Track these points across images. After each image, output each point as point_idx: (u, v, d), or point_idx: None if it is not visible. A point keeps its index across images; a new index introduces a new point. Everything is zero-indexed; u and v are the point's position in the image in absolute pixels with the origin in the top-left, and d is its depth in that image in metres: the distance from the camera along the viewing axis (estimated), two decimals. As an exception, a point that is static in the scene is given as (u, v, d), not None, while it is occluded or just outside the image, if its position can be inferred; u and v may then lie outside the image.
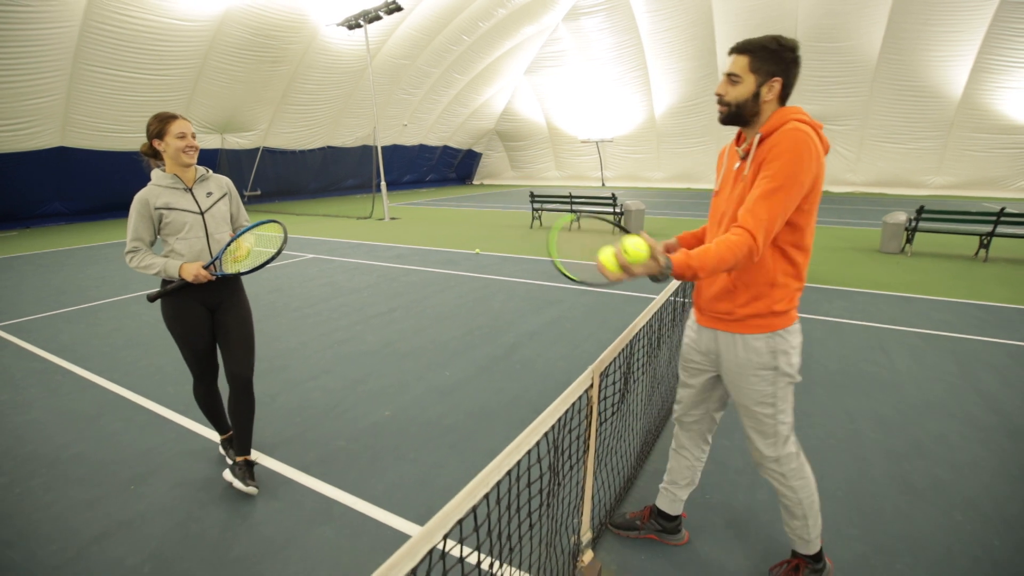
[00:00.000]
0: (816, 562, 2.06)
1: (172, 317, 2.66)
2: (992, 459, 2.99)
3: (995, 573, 2.17)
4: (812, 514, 1.97)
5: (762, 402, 1.85)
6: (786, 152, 1.59)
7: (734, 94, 1.71)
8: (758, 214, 1.59)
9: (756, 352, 1.81)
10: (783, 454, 1.91)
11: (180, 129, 2.50)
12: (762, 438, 1.92)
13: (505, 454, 1.20)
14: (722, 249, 1.56)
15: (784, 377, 1.83)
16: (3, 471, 2.97)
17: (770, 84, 1.67)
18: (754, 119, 1.72)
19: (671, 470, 2.27)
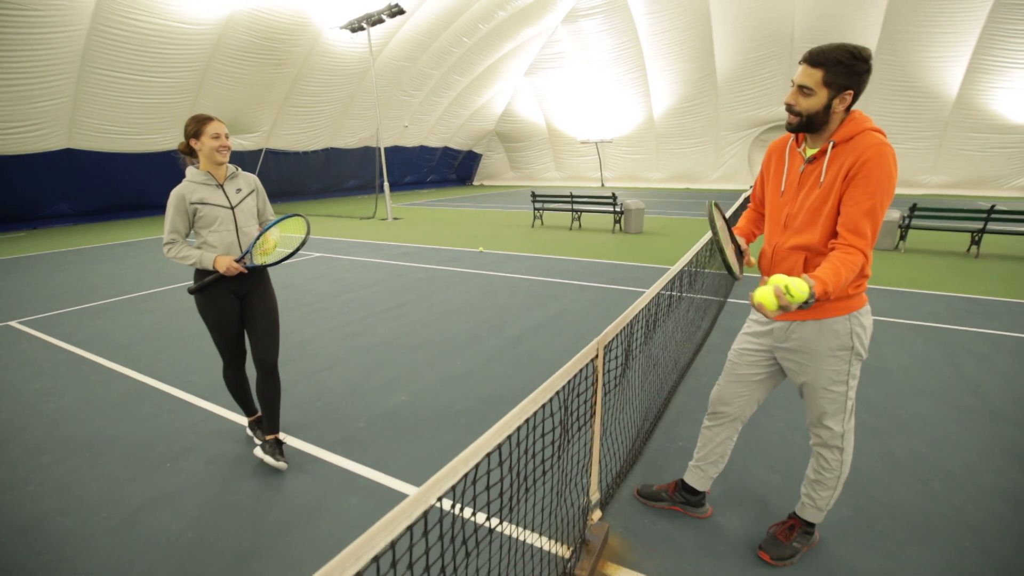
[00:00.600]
0: (810, 528, 2.27)
1: (205, 305, 2.87)
2: (970, 436, 3.20)
3: (967, 533, 2.38)
4: (840, 487, 2.15)
5: (837, 380, 1.99)
6: (878, 169, 1.69)
7: (805, 105, 1.77)
8: (864, 232, 1.72)
9: (835, 334, 1.93)
10: (848, 428, 2.07)
11: (215, 130, 2.71)
12: (832, 416, 2.04)
13: (520, 409, 1.40)
14: (846, 270, 1.68)
15: (857, 355, 1.97)
16: (46, 451, 3.17)
17: (842, 97, 1.74)
18: (824, 128, 1.82)
19: (703, 450, 2.40)
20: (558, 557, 2.16)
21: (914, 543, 2.33)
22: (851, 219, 1.74)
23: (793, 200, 1.94)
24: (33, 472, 2.95)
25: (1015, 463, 2.92)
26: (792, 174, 1.96)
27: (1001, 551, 2.27)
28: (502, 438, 1.28)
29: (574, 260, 8.74)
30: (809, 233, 1.89)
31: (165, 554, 2.31)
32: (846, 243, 1.74)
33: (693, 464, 2.46)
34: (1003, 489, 2.69)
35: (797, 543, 2.24)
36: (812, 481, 2.19)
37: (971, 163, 21.65)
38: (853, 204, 1.74)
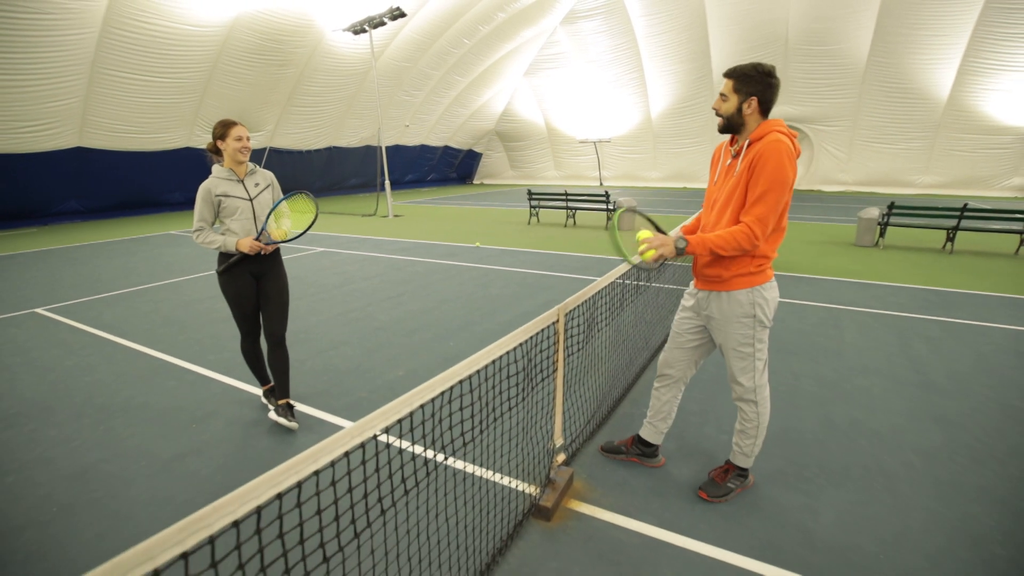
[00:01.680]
0: (743, 471, 2.66)
1: (227, 283, 3.30)
2: (901, 403, 3.62)
3: (879, 478, 2.80)
4: (761, 436, 2.55)
5: (744, 343, 2.40)
6: (770, 162, 2.10)
7: (724, 108, 2.26)
8: (754, 212, 2.14)
9: (739, 303, 2.35)
10: (759, 384, 2.45)
11: (238, 133, 3.14)
12: (743, 373, 2.44)
13: (486, 352, 1.81)
14: (729, 235, 2.16)
15: (760, 323, 2.37)
16: (86, 414, 3.60)
17: (749, 101, 2.19)
18: (742, 128, 2.26)
19: (653, 408, 2.83)
20: (527, 494, 2.58)
21: (832, 486, 2.74)
22: (748, 201, 2.18)
23: (720, 188, 2.38)
24: (77, 431, 3.37)
25: (936, 426, 3.33)
26: (722, 167, 2.41)
27: (904, 491, 2.68)
28: (472, 371, 1.70)
29: (567, 255, 9.16)
30: (725, 214, 2.31)
31: (199, 491, 2.73)
32: (743, 217, 2.18)
33: (646, 420, 2.88)
34: (919, 446, 3.10)
35: (731, 484, 2.64)
36: (738, 431, 2.60)
37: (963, 163, 22.02)
38: (750, 190, 2.17)
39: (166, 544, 0.92)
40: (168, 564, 0.92)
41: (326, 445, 1.22)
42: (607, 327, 3.03)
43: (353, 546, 1.96)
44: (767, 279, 2.36)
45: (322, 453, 1.21)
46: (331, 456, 1.23)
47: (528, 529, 2.41)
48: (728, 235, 2.17)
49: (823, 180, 24.93)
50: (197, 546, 0.97)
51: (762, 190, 2.12)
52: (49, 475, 2.91)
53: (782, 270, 7.70)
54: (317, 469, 1.20)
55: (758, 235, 2.15)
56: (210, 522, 0.99)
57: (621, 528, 2.44)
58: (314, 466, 1.19)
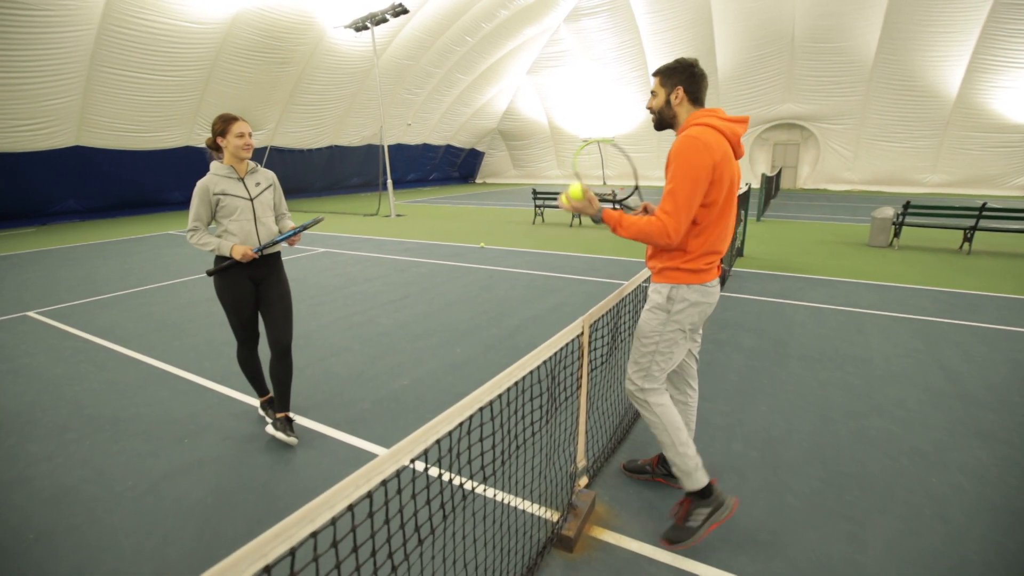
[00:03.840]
0: (702, 497, 2.25)
1: (223, 288, 3.08)
2: (941, 418, 3.39)
3: (927, 502, 2.57)
4: (678, 449, 2.23)
5: (649, 335, 2.29)
6: (677, 157, 2.04)
7: (654, 104, 2.27)
8: (665, 207, 2.06)
9: (658, 293, 2.28)
10: (647, 387, 2.31)
11: (240, 129, 2.92)
12: (635, 367, 2.34)
13: (508, 373, 1.59)
14: (644, 224, 2.09)
15: (673, 322, 2.24)
16: (72, 428, 3.38)
17: (675, 92, 2.18)
18: (674, 121, 2.24)
19: None
20: (547, 520, 2.36)
21: (877, 511, 2.51)
22: (662, 196, 2.11)
23: None
24: (60, 447, 3.16)
25: (981, 442, 3.10)
26: None
27: (957, 518, 2.46)
28: (493, 396, 1.48)
29: (573, 256, 8.93)
30: None
31: (187, 518, 2.51)
32: (656, 213, 2.11)
33: None
34: (966, 465, 2.87)
35: (692, 520, 2.23)
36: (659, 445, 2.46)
37: (971, 162, 21.74)
38: (666, 183, 2.11)
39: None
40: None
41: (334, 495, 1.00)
42: (630, 337, 2.81)
43: None
44: (697, 280, 2.21)
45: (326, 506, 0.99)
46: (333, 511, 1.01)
47: (549, 562, 2.19)
48: (644, 223, 2.10)
49: (829, 179, 24.67)
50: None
51: (671, 186, 2.05)
52: (27, 496, 2.69)
53: (796, 271, 7.48)
54: (334, 516, 0.98)
55: (670, 231, 2.04)
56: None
57: (649, 559, 2.22)
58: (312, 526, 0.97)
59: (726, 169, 2.07)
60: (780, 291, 6.48)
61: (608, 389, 2.86)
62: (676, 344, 2.28)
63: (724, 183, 2.09)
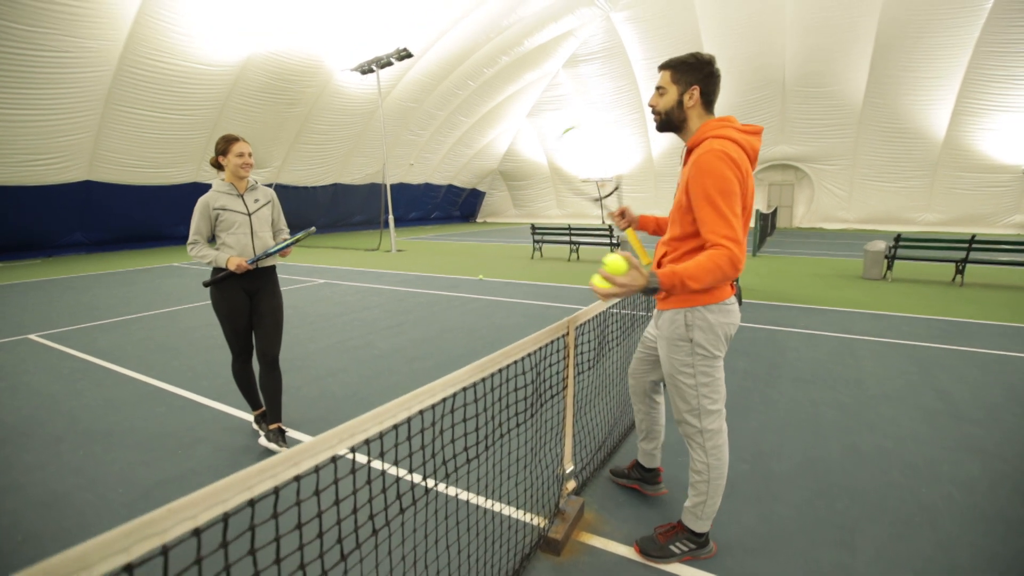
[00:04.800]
0: (695, 536, 2.20)
1: (218, 299, 3.16)
2: (933, 434, 3.40)
3: (917, 511, 2.57)
4: (712, 495, 2.13)
5: (683, 371, 2.06)
6: (703, 170, 1.81)
7: (663, 103, 2.00)
8: (713, 228, 1.78)
9: (675, 324, 2.04)
10: (707, 428, 2.09)
11: (240, 149, 3.07)
12: (687, 409, 2.10)
13: (490, 359, 1.66)
14: (708, 263, 1.75)
15: (700, 349, 2.01)
16: (67, 440, 3.40)
17: (690, 92, 1.94)
18: (683, 125, 2.00)
19: (637, 427, 2.64)
20: (534, 525, 2.36)
21: (868, 520, 2.51)
22: (704, 224, 1.83)
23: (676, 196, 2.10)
24: (54, 457, 3.17)
25: (973, 457, 3.10)
26: None
27: (947, 527, 2.45)
28: (478, 377, 1.54)
29: (571, 287, 9.04)
30: (672, 228, 2.06)
31: (177, 522, 2.51)
32: (711, 243, 1.80)
33: (638, 443, 2.68)
34: (957, 478, 2.87)
35: (674, 547, 2.21)
36: (689, 484, 2.20)
37: (963, 201, 22.15)
38: (698, 211, 1.85)
39: (106, 551, 0.75)
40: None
41: (312, 446, 1.06)
42: (618, 347, 2.87)
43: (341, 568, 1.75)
44: (714, 299, 1.99)
45: (307, 455, 1.04)
46: (316, 460, 1.06)
47: (536, 564, 2.18)
48: (708, 261, 1.75)
49: (824, 218, 25.06)
50: (144, 557, 0.80)
51: (713, 207, 1.79)
52: (19, 502, 2.69)
53: (790, 301, 7.55)
54: (299, 474, 1.03)
55: (739, 256, 1.77)
56: (163, 527, 0.82)
57: (639, 564, 2.21)
58: (295, 470, 1.02)
59: (747, 186, 1.87)
60: (774, 319, 6.54)
61: (597, 398, 2.90)
62: (714, 368, 2.05)
63: (746, 202, 1.89)
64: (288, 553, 1.11)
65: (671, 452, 3.10)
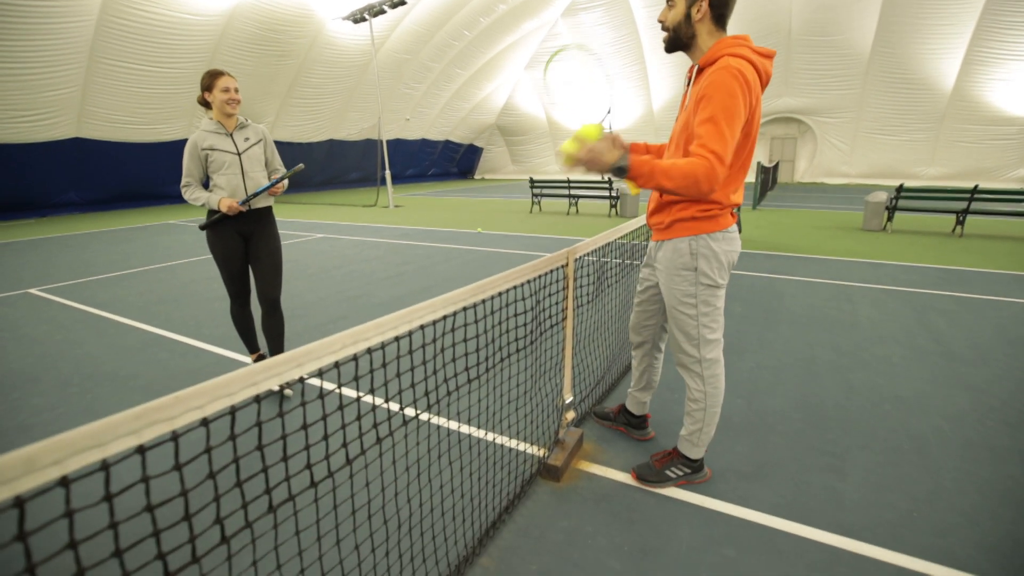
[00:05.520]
0: (690, 462, 2.27)
1: (213, 242, 3.15)
2: (924, 371, 3.46)
3: (905, 439, 2.65)
4: (708, 423, 2.18)
5: (684, 301, 2.05)
6: (716, 86, 1.73)
7: (671, 17, 1.92)
8: (709, 144, 1.71)
9: (679, 253, 2.02)
10: (706, 357, 2.10)
11: (224, 84, 2.98)
12: (686, 339, 2.10)
13: (490, 281, 1.66)
14: (687, 167, 1.70)
15: (704, 277, 2.01)
16: (73, 383, 3.45)
17: (698, 4, 1.85)
18: (692, 42, 1.92)
19: (633, 376, 2.64)
20: (533, 455, 2.43)
21: (858, 448, 2.59)
22: (699, 135, 1.76)
23: (678, 122, 2.04)
24: (62, 399, 3.23)
25: (964, 392, 3.17)
26: (682, 100, 2.08)
27: (935, 453, 2.53)
28: (477, 299, 1.55)
29: (570, 239, 9.00)
30: (676, 151, 1.99)
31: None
32: (697, 153, 1.74)
33: (629, 390, 2.68)
34: (946, 411, 2.95)
35: (670, 471, 2.28)
36: (685, 412, 2.25)
37: (968, 154, 21.81)
38: (699, 123, 1.77)
39: (117, 431, 0.77)
40: (121, 457, 0.78)
41: (315, 349, 1.07)
42: (617, 284, 2.88)
43: (344, 474, 1.81)
44: (717, 227, 1.97)
45: (311, 358, 1.06)
46: (320, 363, 1.08)
47: (536, 489, 2.26)
48: (687, 165, 1.70)
49: (827, 172, 24.74)
50: (155, 441, 0.82)
51: (709, 114, 1.72)
52: (27, 441, 2.74)
53: (788, 251, 7.55)
54: (303, 376, 1.05)
55: (719, 174, 1.70)
56: (172, 414, 0.84)
57: (635, 488, 2.29)
58: (299, 371, 1.04)
59: (756, 112, 1.82)
60: (772, 268, 6.55)
61: (596, 333, 2.93)
62: (716, 298, 2.04)
63: (753, 128, 1.84)
64: (295, 452, 1.14)
65: (659, 391, 3.16)
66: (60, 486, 0.72)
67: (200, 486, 1.26)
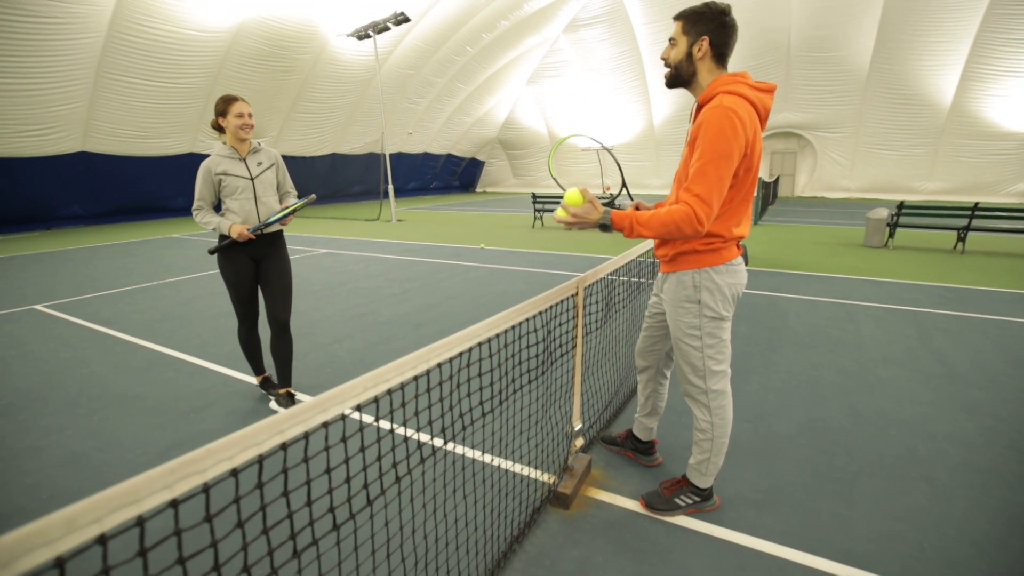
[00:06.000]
0: (699, 490, 2.27)
1: (224, 265, 3.18)
2: (929, 394, 3.47)
3: (913, 466, 2.65)
4: (716, 452, 2.19)
5: (689, 333, 2.08)
6: (710, 130, 1.76)
7: (673, 55, 1.96)
8: (693, 189, 1.77)
9: (682, 285, 2.06)
10: (712, 388, 2.12)
11: (239, 110, 3.02)
12: (692, 370, 2.12)
13: (504, 315, 1.69)
14: (669, 216, 1.78)
15: (708, 310, 2.02)
16: (81, 404, 3.46)
17: (699, 43, 1.88)
18: (692, 79, 1.95)
19: (639, 402, 2.65)
20: (542, 482, 2.43)
21: (866, 475, 2.59)
22: (689, 176, 1.82)
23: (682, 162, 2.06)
24: (70, 420, 3.24)
25: (970, 416, 3.18)
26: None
27: (943, 479, 2.53)
28: (492, 333, 1.57)
29: (572, 255, 9.04)
30: (676, 186, 2.05)
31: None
32: (681, 198, 1.82)
33: (635, 416, 2.68)
34: (953, 435, 2.95)
35: (679, 500, 2.28)
36: (693, 442, 2.25)
37: (967, 169, 21.93)
38: (692, 164, 1.83)
39: (153, 486, 0.79)
40: (154, 512, 0.79)
41: (338, 394, 1.09)
42: (624, 310, 2.90)
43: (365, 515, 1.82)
44: (721, 260, 2.00)
45: (334, 402, 1.08)
46: (342, 408, 1.10)
47: (546, 516, 2.26)
48: (665, 214, 1.78)
49: (826, 187, 24.86)
50: (187, 494, 0.84)
51: (701, 164, 1.77)
52: (39, 463, 2.76)
53: (791, 269, 7.58)
54: (327, 421, 1.07)
55: (701, 217, 1.76)
56: (204, 467, 0.86)
57: (644, 516, 2.29)
58: (323, 416, 1.06)
59: (756, 147, 1.85)
60: (775, 286, 6.57)
61: (604, 358, 2.94)
62: (721, 330, 2.06)
63: (753, 163, 1.87)
64: (319, 496, 1.15)
65: (666, 416, 3.17)
66: (98, 544, 0.73)
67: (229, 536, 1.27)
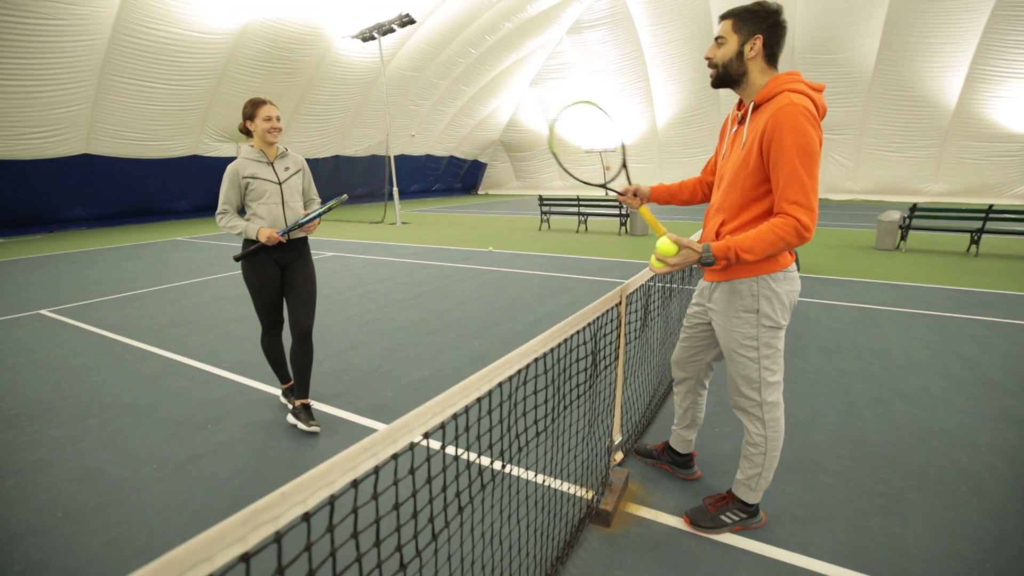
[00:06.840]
0: (746, 506, 2.19)
1: (249, 271, 3.08)
2: (966, 402, 3.38)
3: (962, 480, 2.55)
4: (768, 467, 2.10)
5: (746, 344, 1.98)
6: (789, 131, 1.69)
7: (720, 55, 1.87)
8: (791, 196, 1.71)
9: (739, 295, 1.96)
10: (767, 400, 2.03)
11: (267, 113, 2.94)
12: (746, 383, 2.03)
13: (555, 331, 1.59)
14: (769, 231, 1.72)
15: (766, 320, 1.94)
16: (92, 414, 3.37)
17: (752, 42, 1.81)
18: (742, 79, 1.87)
19: (676, 413, 2.56)
20: (581, 498, 2.34)
21: (913, 489, 2.49)
22: (778, 185, 1.76)
23: (727, 162, 2.00)
24: (83, 432, 3.14)
25: (1011, 425, 3.08)
26: (729, 137, 2.03)
27: (995, 495, 2.43)
28: (547, 348, 1.48)
29: (583, 259, 8.95)
30: (730, 194, 1.94)
31: (216, 496, 2.49)
32: (779, 209, 1.77)
33: (673, 428, 2.59)
34: (997, 446, 2.86)
35: (725, 516, 2.19)
36: (742, 456, 2.17)
37: (972, 171, 21.85)
38: (776, 171, 1.75)
39: (224, 540, 0.69)
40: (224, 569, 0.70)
41: (407, 423, 1.00)
42: (659, 316, 2.81)
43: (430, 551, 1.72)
44: (779, 267, 1.91)
45: (403, 432, 0.98)
46: (412, 437, 1.01)
47: (587, 535, 2.17)
48: (768, 232, 1.72)
49: (831, 189, 24.77)
50: (260, 545, 0.74)
51: (791, 168, 1.69)
52: (52, 478, 2.67)
53: (806, 272, 7.48)
54: (396, 452, 0.98)
55: (807, 223, 1.70)
56: (277, 513, 0.76)
57: (689, 534, 2.20)
58: (393, 448, 0.97)
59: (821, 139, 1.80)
60: (792, 289, 6.47)
61: (639, 368, 2.85)
62: (778, 340, 1.98)
63: None
64: (387, 534, 1.06)
65: (703, 428, 3.07)
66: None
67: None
